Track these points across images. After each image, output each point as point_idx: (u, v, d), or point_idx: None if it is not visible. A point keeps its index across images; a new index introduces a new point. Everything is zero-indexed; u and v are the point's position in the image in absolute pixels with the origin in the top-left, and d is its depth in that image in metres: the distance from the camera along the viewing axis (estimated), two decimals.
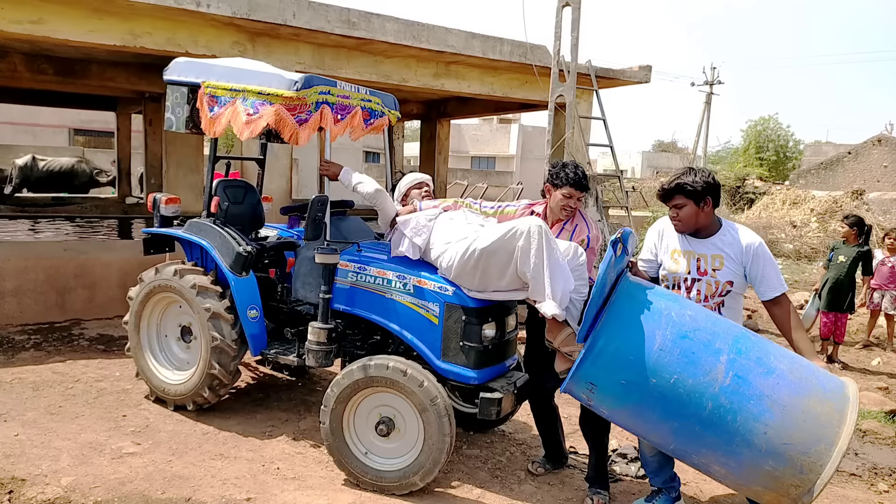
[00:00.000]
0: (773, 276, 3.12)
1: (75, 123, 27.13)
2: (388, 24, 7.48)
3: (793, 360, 2.83)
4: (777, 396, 2.66)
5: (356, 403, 3.65)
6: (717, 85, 37.18)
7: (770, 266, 3.12)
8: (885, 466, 4.46)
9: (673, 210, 3.21)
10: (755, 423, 2.64)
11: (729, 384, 2.69)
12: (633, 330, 2.87)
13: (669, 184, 3.20)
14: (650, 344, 2.81)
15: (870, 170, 21.79)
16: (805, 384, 2.71)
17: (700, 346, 2.78)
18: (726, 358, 2.73)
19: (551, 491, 3.81)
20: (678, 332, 2.81)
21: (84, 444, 4.01)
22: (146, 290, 4.54)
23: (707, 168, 3.27)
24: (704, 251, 3.20)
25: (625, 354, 2.86)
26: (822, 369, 2.85)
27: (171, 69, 4.32)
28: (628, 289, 3.02)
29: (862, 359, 6.91)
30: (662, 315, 2.87)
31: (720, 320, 2.98)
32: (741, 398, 2.68)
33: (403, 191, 4.35)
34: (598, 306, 2.92)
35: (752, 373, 2.71)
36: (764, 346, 2.86)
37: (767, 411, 2.64)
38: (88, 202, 15.09)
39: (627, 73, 9.60)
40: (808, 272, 12.33)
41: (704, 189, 3.11)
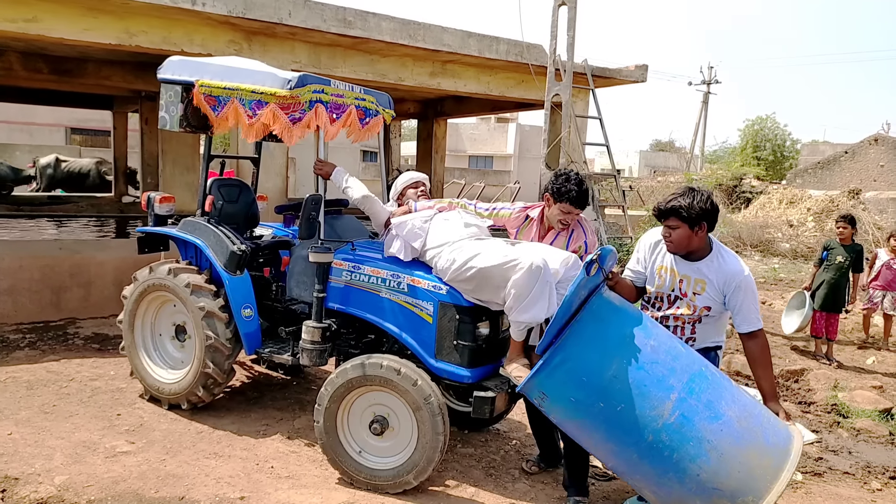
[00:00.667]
0: (750, 311, 3.11)
1: (72, 122, 27.08)
2: (384, 22, 7.49)
3: (745, 407, 2.82)
4: (717, 442, 2.70)
5: (350, 402, 3.65)
6: (714, 84, 37.29)
7: (750, 300, 3.10)
8: (879, 465, 4.47)
9: (666, 230, 3.16)
10: (690, 463, 2.71)
11: (673, 422, 2.74)
12: (591, 352, 2.91)
13: (665, 204, 3.13)
14: (604, 369, 2.86)
15: (866, 169, 21.81)
16: (749, 435, 2.73)
17: (653, 379, 2.80)
18: (676, 396, 2.76)
19: (545, 489, 3.81)
20: (634, 362, 2.83)
21: (78, 443, 4.00)
22: (140, 289, 4.53)
23: (706, 190, 3.18)
24: (689, 273, 3.19)
25: (578, 374, 2.90)
26: (773, 418, 2.88)
27: (165, 68, 4.32)
28: (597, 309, 3.00)
29: (857, 358, 6.92)
30: (623, 342, 2.90)
31: (682, 356, 2.93)
32: (682, 438, 2.73)
33: (400, 189, 4.32)
34: (560, 323, 2.93)
35: (699, 415, 2.74)
36: (719, 388, 2.85)
37: (704, 455, 2.70)
38: (84, 201, 15.06)
39: (624, 73, 9.61)
40: (805, 271, 12.33)
41: (700, 215, 3.05)
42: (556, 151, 8.31)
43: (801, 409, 5.48)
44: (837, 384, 5.90)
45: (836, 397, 5.59)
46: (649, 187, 23.96)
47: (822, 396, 5.66)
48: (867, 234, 15.26)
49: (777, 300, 9.47)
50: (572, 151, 8.40)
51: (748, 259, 15.08)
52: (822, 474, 4.28)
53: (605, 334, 2.94)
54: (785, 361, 6.58)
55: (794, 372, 6.19)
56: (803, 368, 6.28)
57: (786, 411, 3.06)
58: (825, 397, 5.62)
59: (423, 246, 3.75)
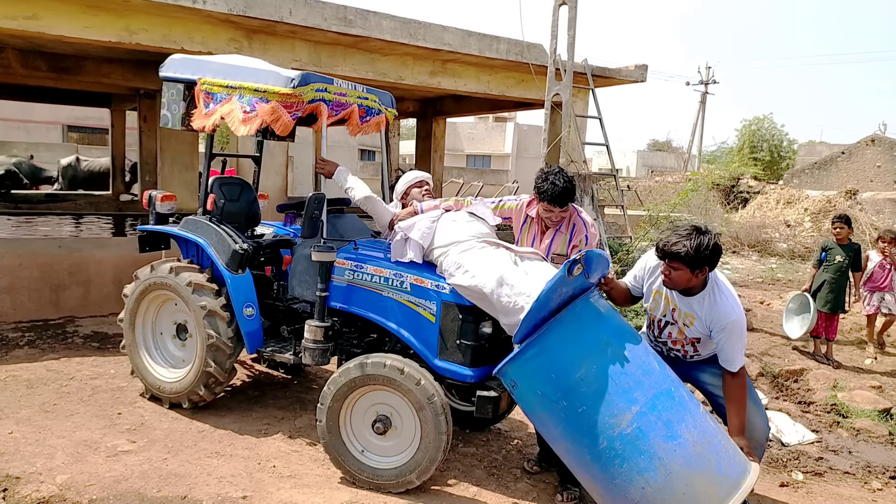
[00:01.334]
0: (733, 352, 3.13)
1: (69, 120, 27.00)
2: (385, 21, 7.47)
3: (705, 434, 2.84)
4: (668, 461, 2.74)
5: (353, 401, 3.65)
6: (712, 84, 37.34)
7: (734, 342, 3.12)
8: (879, 465, 4.48)
9: (666, 268, 3.12)
10: (638, 476, 2.77)
11: (629, 433, 2.79)
12: (564, 351, 2.96)
13: (670, 246, 3.05)
14: (574, 370, 2.92)
15: (863, 170, 21.86)
16: (701, 460, 2.76)
17: (618, 389, 2.85)
18: (637, 409, 2.81)
19: (547, 489, 3.81)
20: (604, 370, 2.88)
21: (79, 442, 3.99)
22: (141, 288, 4.52)
23: (711, 231, 3.11)
24: (681, 306, 3.21)
25: (547, 370, 2.97)
26: (734, 452, 2.90)
27: (167, 66, 4.31)
28: (580, 311, 3.03)
29: (856, 357, 6.93)
30: (598, 348, 2.95)
31: (655, 373, 2.96)
32: (634, 450, 2.78)
33: (403, 189, 4.31)
34: (535, 318, 2.97)
35: (655, 432, 2.78)
36: (682, 411, 2.87)
37: (654, 471, 2.75)
38: (83, 199, 15.01)
39: (623, 73, 9.61)
40: (802, 271, 12.37)
41: (703, 261, 3.02)
42: (556, 151, 8.31)
43: (800, 409, 5.49)
44: (837, 384, 5.91)
45: (835, 397, 5.60)
46: (647, 187, 23.98)
47: (821, 396, 5.67)
48: (864, 234, 15.29)
49: (775, 300, 9.49)
50: (572, 151, 8.40)
51: (745, 259, 15.10)
52: (822, 474, 4.29)
53: (582, 337, 2.99)
54: (784, 361, 6.60)
55: (794, 372, 6.21)
56: (802, 368, 6.29)
57: (748, 448, 3.07)
58: (825, 397, 5.64)
59: (431, 245, 3.74)
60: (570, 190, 3.69)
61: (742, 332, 3.13)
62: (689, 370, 3.36)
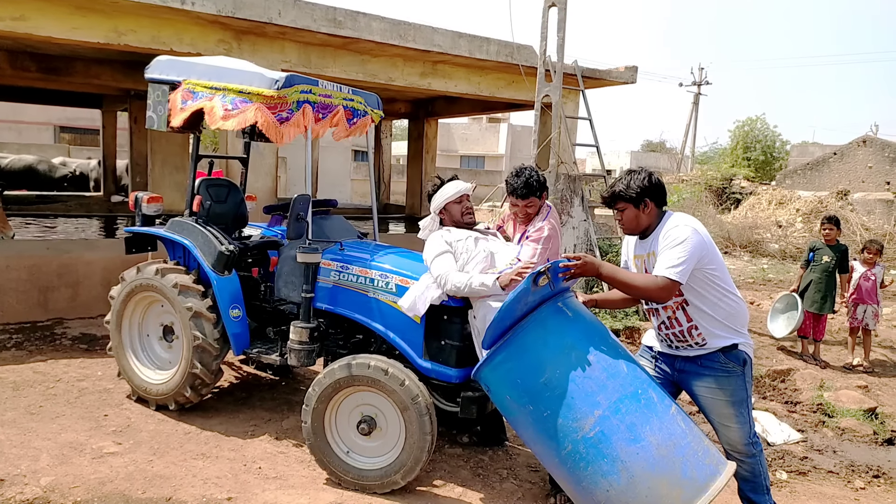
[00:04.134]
0: (664, 256, 2.93)
1: (60, 121, 26.90)
2: (375, 23, 7.48)
3: (671, 437, 2.79)
4: (631, 465, 2.75)
5: (338, 402, 3.66)
6: (704, 85, 37.49)
7: (670, 247, 2.93)
8: (863, 464, 4.52)
9: (617, 213, 3.20)
10: (602, 479, 2.80)
11: (592, 437, 2.81)
12: (529, 357, 3.00)
13: (608, 191, 3.19)
14: (538, 375, 2.96)
15: (855, 170, 21.99)
16: (665, 464, 2.75)
17: (581, 393, 2.87)
18: (600, 413, 2.82)
19: (532, 489, 3.83)
20: (567, 374, 2.90)
21: (64, 444, 3.98)
22: (128, 290, 4.52)
23: (648, 168, 3.20)
24: (645, 251, 3.17)
25: (514, 376, 3.02)
26: (704, 453, 2.81)
27: (153, 67, 4.31)
28: (544, 317, 3.04)
29: (843, 357, 6.97)
30: (562, 352, 2.96)
31: (621, 375, 2.91)
32: (598, 453, 2.80)
33: (441, 205, 3.84)
34: (499, 326, 3.01)
35: (618, 435, 2.79)
36: (648, 414, 2.84)
37: (616, 474, 2.77)
38: (72, 200, 14.95)
39: (613, 74, 9.65)
40: (793, 272, 12.42)
41: (641, 193, 3.07)
42: (546, 152, 8.33)
43: (787, 408, 5.52)
44: (823, 384, 5.95)
45: (821, 397, 5.64)
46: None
47: (808, 396, 5.71)
48: (855, 234, 15.39)
49: (765, 300, 9.53)
50: (562, 152, 8.42)
51: (737, 259, 15.17)
52: (806, 473, 4.32)
53: (546, 342, 3.01)
54: (772, 361, 6.63)
55: (781, 372, 6.24)
56: (790, 368, 6.33)
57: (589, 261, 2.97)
58: (811, 397, 5.67)
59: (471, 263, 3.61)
60: (531, 183, 3.68)
61: (679, 237, 2.93)
62: (688, 379, 3.21)
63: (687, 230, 2.97)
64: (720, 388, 3.09)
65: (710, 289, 3.05)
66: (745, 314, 3.17)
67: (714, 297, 3.06)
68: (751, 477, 3.17)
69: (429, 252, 3.65)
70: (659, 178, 3.16)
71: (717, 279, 3.05)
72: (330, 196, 4.49)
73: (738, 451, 3.13)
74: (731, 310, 3.07)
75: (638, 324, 7.17)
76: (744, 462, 3.12)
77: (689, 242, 2.93)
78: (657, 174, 3.19)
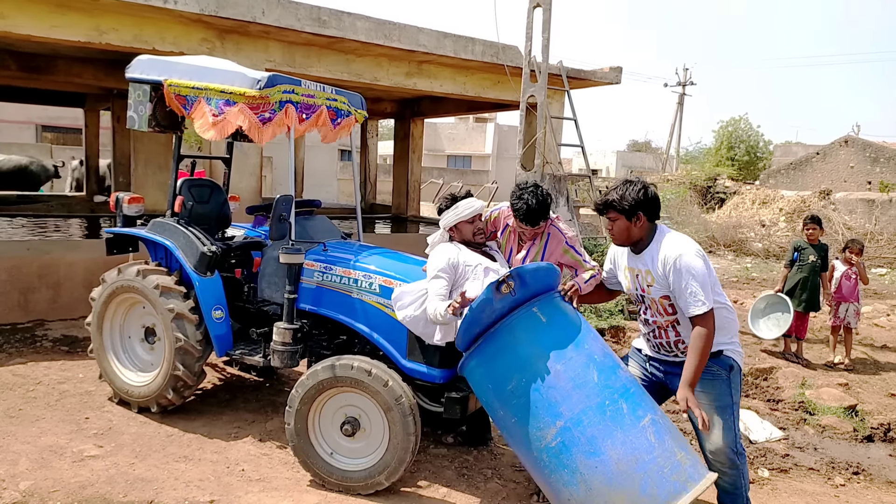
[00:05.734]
0: (687, 293, 2.92)
1: (42, 120, 26.55)
2: (360, 22, 7.46)
3: (633, 452, 2.75)
4: (589, 477, 2.78)
5: (321, 404, 3.64)
6: (689, 86, 37.77)
7: (687, 281, 2.92)
8: (843, 460, 4.57)
9: (608, 223, 3.17)
10: (563, 488, 2.86)
11: (553, 447, 2.86)
12: (498, 364, 3.05)
13: (601, 199, 3.16)
14: (505, 383, 3.01)
15: (837, 170, 22.26)
16: (623, 479, 2.73)
17: (545, 403, 2.90)
18: (562, 424, 2.85)
19: (517, 489, 3.83)
20: (532, 382, 2.93)
21: (44, 448, 3.94)
22: (109, 291, 4.47)
23: (644, 180, 3.16)
24: (639, 266, 3.15)
25: (486, 381, 3.10)
26: (671, 469, 2.74)
27: (133, 67, 4.27)
28: (516, 323, 3.05)
29: (825, 355, 7.05)
30: (529, 362, 2.98)
31: (588, 386, 2.87)
32: (559, 463, 2.85)
33: (453, 222, 3.63)
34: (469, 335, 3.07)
35: (578, 447, 2.81)
36: (613, 426, 2.80)
37: (576, 485, 2.81)
38: (55, 200, 14.77)
39: (598, 74, 9.69)
40: (776, 270, 12.55)
41: (634, 206, 3.04)
42: (532, 152, 8.35)
43: (769, 406, 5.57)
44: (805, 382, 6.01)
45: (803, 395, 5.70)
46: None
47: (790, 394, 5.77)
48: (837, 233, 15.57)
49: (748, 299, 9.62)
50: (548, 152, 8.45)
51: (721, 258, 15.30)
52: (787, 470, 4.36)
53: (515, 350, 3.03)
54: (754, 360, 6.69)
55: (763, 370, 6.30)
56: (772, 367, 6.39)
57: (689, 396, 2.90)
58: (793, 395, 5.73)
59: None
60: (540, 211, 3.57)
61: (693, 268, 2.93)
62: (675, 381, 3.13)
63: (699, 261, 2.97)
64: (703, 392, 3.06)
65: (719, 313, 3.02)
66: (733, 325, 3.17)
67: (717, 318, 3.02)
68: (731, 489, 3.13)
69: (430, 266, 3.52)
70: (655, 192, 3.12)
71: None
72: (316, 196, 4.47)
73: (721, 460, 3.05)
74: (719, 324, 3.04)
75: (623, 323, 7.21)
76: (726, 473, 3.07)
77: (703, 269, 2.97)
78: (653, 187, 3.15)
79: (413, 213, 14.12)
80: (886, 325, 8.69)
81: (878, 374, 6.63)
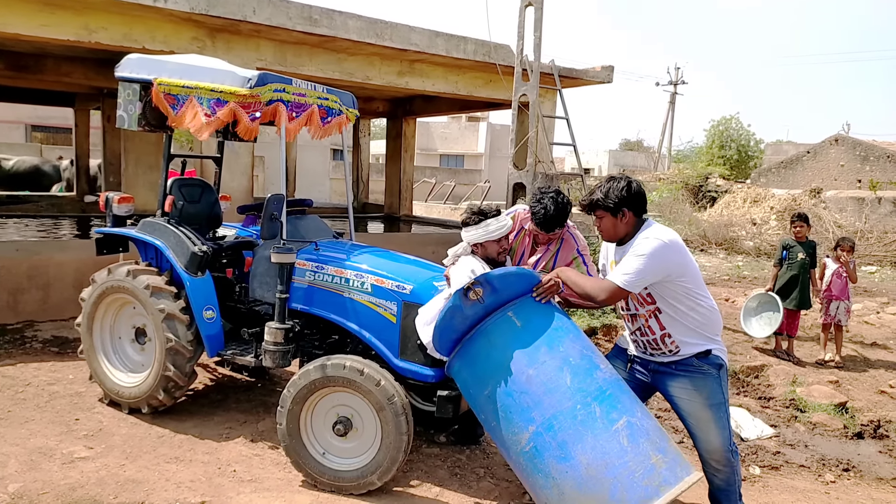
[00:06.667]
0: (623, 265, 2.97)
1: (32, 119, 26.39)
2: (351, 21, 7.45)
3: (603, 457, 2.74)
4: (561, 482, 2.81)
5: (313, 404, 3.63)
6: (680, 85, 37.92)
7: (632, 257, 2.95)
8: (833, 457, 4.59)
9: (596, 220, 3.19)
10: (540, 490, 2.91)
11: (528, 451, 2.90)
12: (476, 369, 3.10)
13: (587, 199, 3.18)
14: (483, 387, 3.05)
15: (827, 168, 22.39)
16: (593, 484, 2.74)
17: (518, 408, 2.93)
18: (534, 429, 2.87)
19: (509, 488, 3.83)
20: (506, 387, 2.97)
21: (33, 450, 3.91)
22: (99, 292, 4.44)
23: (628, 176, 3.17)
24: (620, 257, 3.15)
25: (467, 385, 3.17)
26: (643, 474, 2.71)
27: (123, 66, 4.25)
28: (491, 328, 3.08)
29: (816, 353, 7.08)
30: (502, 366, 3.00)
31: (559, 391, 2.88)
32: (533, 467, 2.90)
33: (481, 240, 3.50)
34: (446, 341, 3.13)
35: (549, 452, 2.84)
36: (583, 431, 2.80)
37: (549, 489, 2.85)
38: (45, 201, 14.68)
39: (590, 73, 9.70)
40: (767, 269, 12.61)
41: (619, 203, 3.05)
42: (524, 151, 8.36)
43: (760, 404, 5.59)
44: (796, 379, 6.04)
45: (794, 392, 5.72)
46: None
47: (781, 392, 5.79)
48: (827, 231, 15.67)
49: (740, 297, 9.66)
50: (540, 151, 8.45)
51: (712, 257, 15.36)
52: (778, 468, 4.38)
53: (489, 355, 3.06)
54: (746, 358, 6.72)
55: (755, 368, 6.33)
56: (763, 364, 6.42)
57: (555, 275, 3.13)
58: (784, 392, 5.76)
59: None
60: (557, 217, 3.56)
61: (641, 253, 2.93)
62: (664, 380, 3.18)
63: (654, 243, 2.95)
64: (696, 390, 3.07)
65: (683, 299, 3.05)
66: (718, 322, 3.17)
67: (686, 307, 3.05)
68: (725, 486, 3.14)
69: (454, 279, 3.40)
70: (639, 187, 3.12)
71: (689, 290, 3.04)
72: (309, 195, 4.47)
73: (717, 458, 3.08)
74: (704, 319, 3.06)
75: (615, 321, 7.22)
76: (720, 471, 3.09)
77: (650, 256, 2.93)
78: (637, 182, 3.15)
79: (405, 212, 14.11)
80: (876, 323, 8.75)
81: (868, 371, 6.67)
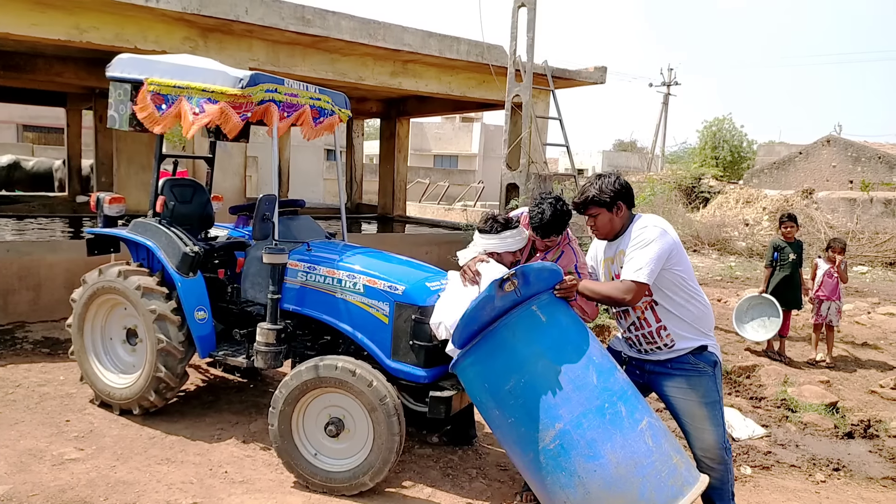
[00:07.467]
0: (632, 260, 2.94)
1: (24, 119, 26.26)
2: (344, 21, 7.44)
3: (632, 456, 2.74)
4: (588, 481, 2.75)
5: (305, 404, 3.62)
6: (673, 86, 38.02)
7: (637, 250, 2.95)
8: (824, 457, 4.61)
9: (590, 220, 3.17)
10: (560, 490, 2.82)
11: (552, 449, 2.81)
12: (496, 363, 2.98)
13: (580, 196, 3.16)
14: (504, 382, 2.94)
15: (819, 169, 22.50)
16: (622, 483, 2.72)
17: (545, 405, 2.84)
18: (562, 426, 2.80)
19: (501, 488, 3.84)
20: (531, 385, 2.88)
21: (23, 451, 3.88)
22: (90, 292, 4.42)
23: (614, 172, 3.23)
24: (615, 251, 3.16)
25: (482, 380, 3.03)
26: (669, 474, 2.75)
27: (114, 65, 4.23)
28: (515, 322, 2.98)
29: (807, 353, 7.12)
30: (527, 361, 2.93)
31: (589, 389, 2.86)
32: (557, 466, 2.81)
33: (499, 251, 3.56)
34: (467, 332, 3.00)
35: (577, 450, 2.77)
36: (612, 429, 2.78)
37: (573, 488, 2.78)
38: (36, 201, 14.60)
39: (583, 74, 9.72)
40: (760, 269, 12.66)
41: (614, 196, 3.07)
42: (517, 152, 8.36)
43: (752, 404, 5.61)
44: (787, 379, 6.07)
45: (785, 392, 5.75)
46: None
47: (772, 392, 5.82)
48: (819, 232, 15.75)
49: (732, 297, 9.70)
50: (533, 152, 8.45)
51: (705, 257, 15.41)
52: (769, 467, 4.40)
53: (514, 349, 2.97)
54: (737, 358, 6.75)
55: (746, 368, 6.35)
56: (755, 364, 6.44)
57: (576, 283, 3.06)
58: (775, 392, 5.78)
59: None
60: (553, 224, 3.53)
61: (647, 242, 2.95)
62: (659, 380, 3.19)
63: (656, 231, 2.98)
64: (692, 389, 3.08)
65: (678, 290, 3.06)
66: (711, 318, 3.18)
67: (681, 298, 3.07)
68: (719, 484, 3.14)
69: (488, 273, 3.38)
70: (626, 181, 3.17)
71: (684, 281, 3.06)
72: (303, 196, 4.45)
73: (712, 456, 3.08)
74: (699, 312, 3.08)
75: (608, 322, 7.23)
76: (715, 469, 3.09)
77: (656, 244, 2.95)
78: (622, 176, 3.19)
79: (399, 212, 14.10)
80: (867, 323, 8.79)
81: (859, 371, 6.71)
